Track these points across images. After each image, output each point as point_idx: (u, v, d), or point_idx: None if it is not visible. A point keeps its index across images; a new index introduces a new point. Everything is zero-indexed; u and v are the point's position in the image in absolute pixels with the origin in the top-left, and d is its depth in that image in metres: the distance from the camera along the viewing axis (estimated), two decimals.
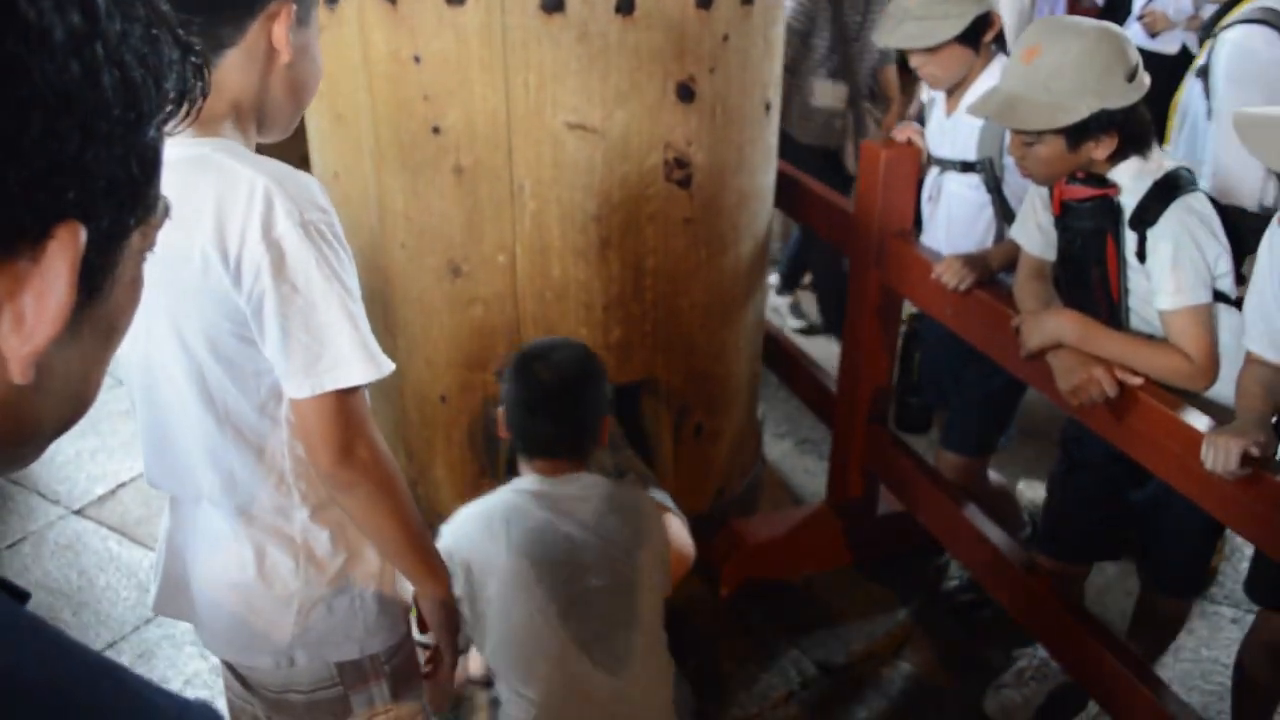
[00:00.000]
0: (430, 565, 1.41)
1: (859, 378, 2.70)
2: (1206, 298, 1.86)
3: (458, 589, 1.70)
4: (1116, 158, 1.92)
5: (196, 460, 1.34)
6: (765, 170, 2.60)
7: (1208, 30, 2.72)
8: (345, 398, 1.24)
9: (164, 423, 1.34)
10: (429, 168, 2.28)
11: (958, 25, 2.28)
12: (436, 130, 2.23)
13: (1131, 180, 1.91)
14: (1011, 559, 2.32)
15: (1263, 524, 1.70)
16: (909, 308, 2.68)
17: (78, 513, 3.15)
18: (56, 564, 2.93)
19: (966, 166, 2.40)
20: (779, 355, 3.22)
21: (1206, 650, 2.67)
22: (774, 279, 4.81)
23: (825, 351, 3.82)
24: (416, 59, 2.19)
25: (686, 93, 2.28)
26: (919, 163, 2.47)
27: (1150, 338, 1.95)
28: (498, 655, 1.78)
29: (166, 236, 1.17)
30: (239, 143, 1.26)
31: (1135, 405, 1.88)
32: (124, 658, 2.59)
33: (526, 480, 1.88)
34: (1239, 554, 2.98)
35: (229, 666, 1.53)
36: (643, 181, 2.32)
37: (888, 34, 2.38)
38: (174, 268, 1.21)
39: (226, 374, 1.27)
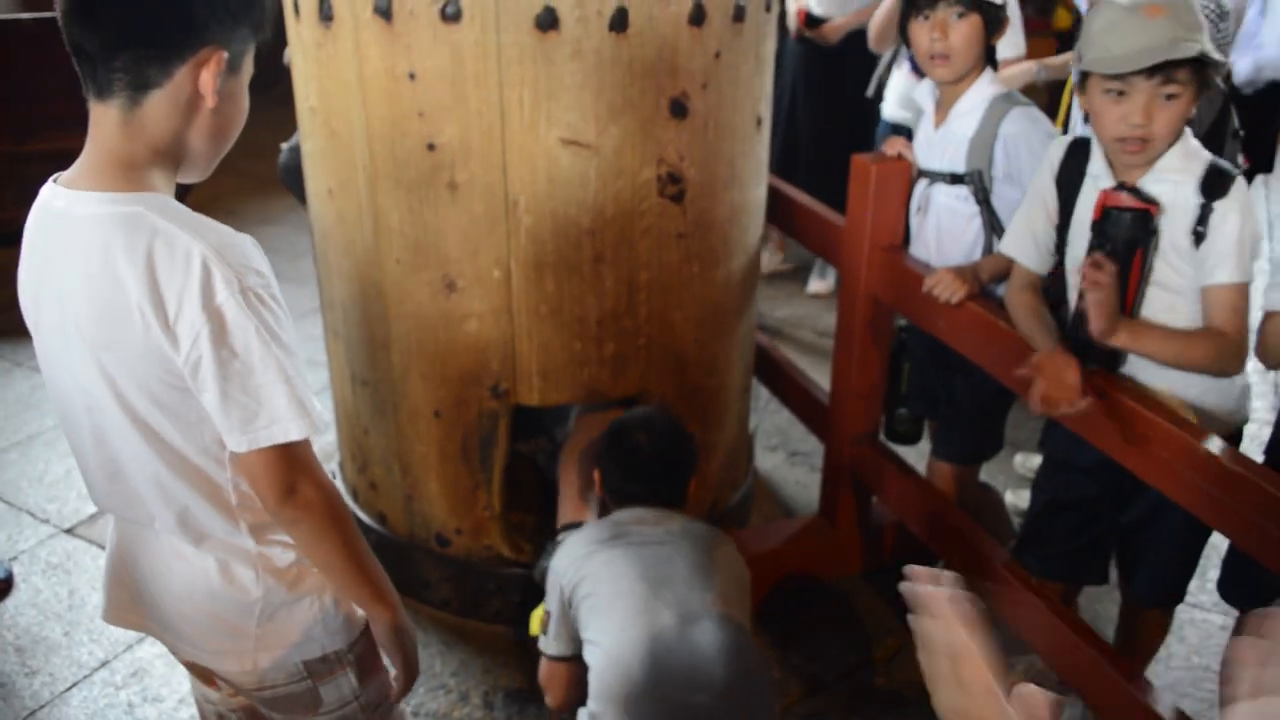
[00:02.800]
0: (378, 590, 1.45)
1: (850, 390, 2.72)
2: (1252, 278, 1.92)
3: (553, 606, 2.04)
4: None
5: (148, 495, 1.37)
6: (757, 184, 2.63)
7: None
8: (286, 448, 1.29)
9: (114, 459, 1.37)
10: (424, 184, 2.29)
11: None
12: (431, 146, 2.25)
13: (1183, 161, 1.93)
14: (1004, 567, 2.34)
15: (1252, 530, 1.72)
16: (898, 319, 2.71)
17: (68, 531, 3.13)
18: (47, 583, 2.92)
19: (955, 179, 2.42)
20: (770, 368, 3.24)
21: (1198, 658, 2.69)
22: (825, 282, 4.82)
23: (815, 364, 3.84)
24: (411, 76, 2.20)
25: (679, 109, 2.30)
26: (909, 177, 2.50)
27: (1177, 331, 1.97)
28: (597, 643, 1.95)
29: (103, 292, 1.19)
30: (167, 193, 1.28)
31: (1125, 412, 1.91)
32: (117, 676, 2.58)
33: (620, 513, 2.14)
34: (1206, 559, 3.01)
35: (193, 668, 1.58)
36: (636, 196, 2.34)
37: None
38: (112, 323, 1.23)
39: (170, 422, 1.30)
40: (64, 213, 1.27)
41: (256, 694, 1.49)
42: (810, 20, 4.27)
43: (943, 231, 2.48)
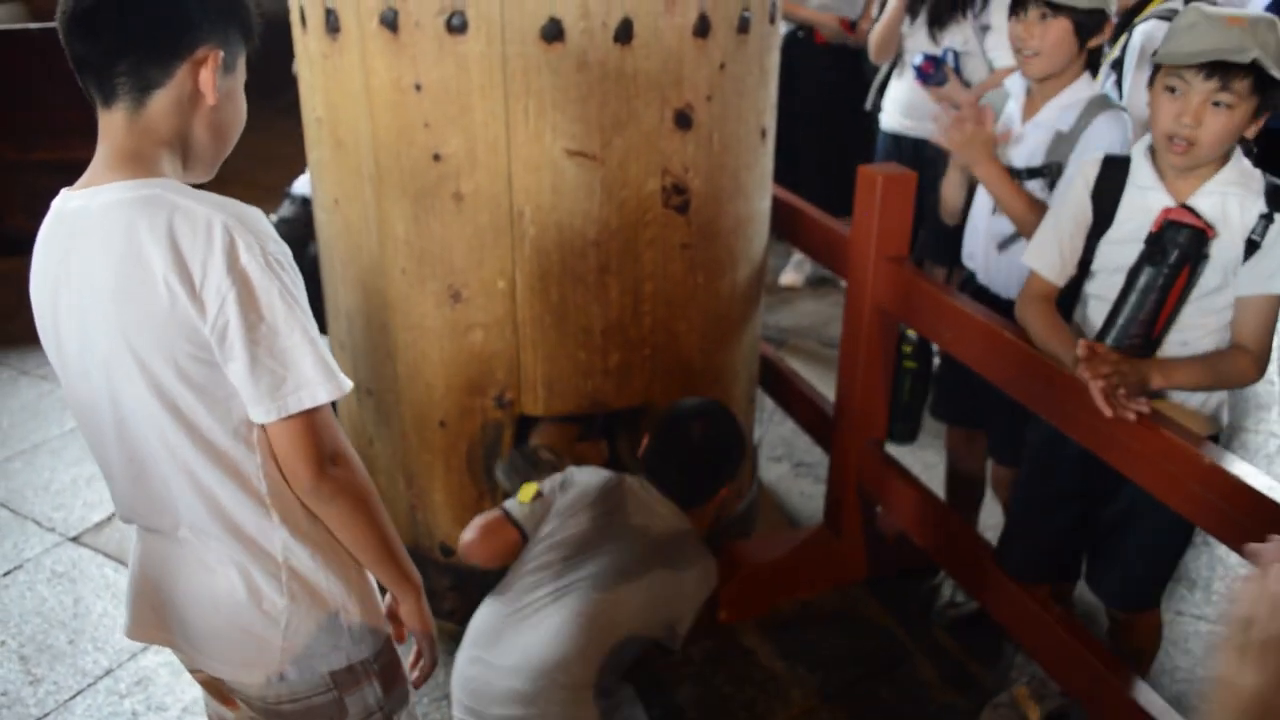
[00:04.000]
0: (405, 569, 1.49)
1: (856, 401, 2.72)
2: None
3: (547, 491, 2.24)
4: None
5: (177, 490, 1.36)
6: (761, 195, 2.63)
7: (1122, 27, 3.04)
8: (313, 416, 1.32)
9: (139, 458, 1.37)
10: (429, 194, 2.30)
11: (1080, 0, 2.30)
12: (437, 157, 2.26)
13: (1241, 177, 1.96)
14: (1009, 578, 2.33)
15: (1240, 531, 1.74)
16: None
17: (74, 540, 3.14)
18: (52, 591, 2.92)
19: (1033, 172, 2.42)
20: (775, 378, 3.24)
21: (1203, 671, 2.68)
22: (798, 274, 4.88)
23: (819, 374, 3.84)
24: (418, 87, 2.21)
25: (684, 120, 2.30)
26: (915, 188, 2.50)
27: (1202, 357, 2.01)
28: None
29: (129, 271, 1.20)
30: (179, 181, 1.32)
31: (1135, 425, 1.91)
32: (121, 685, 2.58)
33: (633, 478, 2.29)
34: (1211, 569, 3.00)
35: (210, 686, 1.57)
36: (641, 207, 2.34)
37: None
38: (138, 301, 1.25)
39: (199, 401, 1.31)
40: (80, 209, 1.29)
41: (279, 707, 1.46)
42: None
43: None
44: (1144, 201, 2.03)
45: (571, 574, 2.13)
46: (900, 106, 3.81)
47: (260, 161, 5.17)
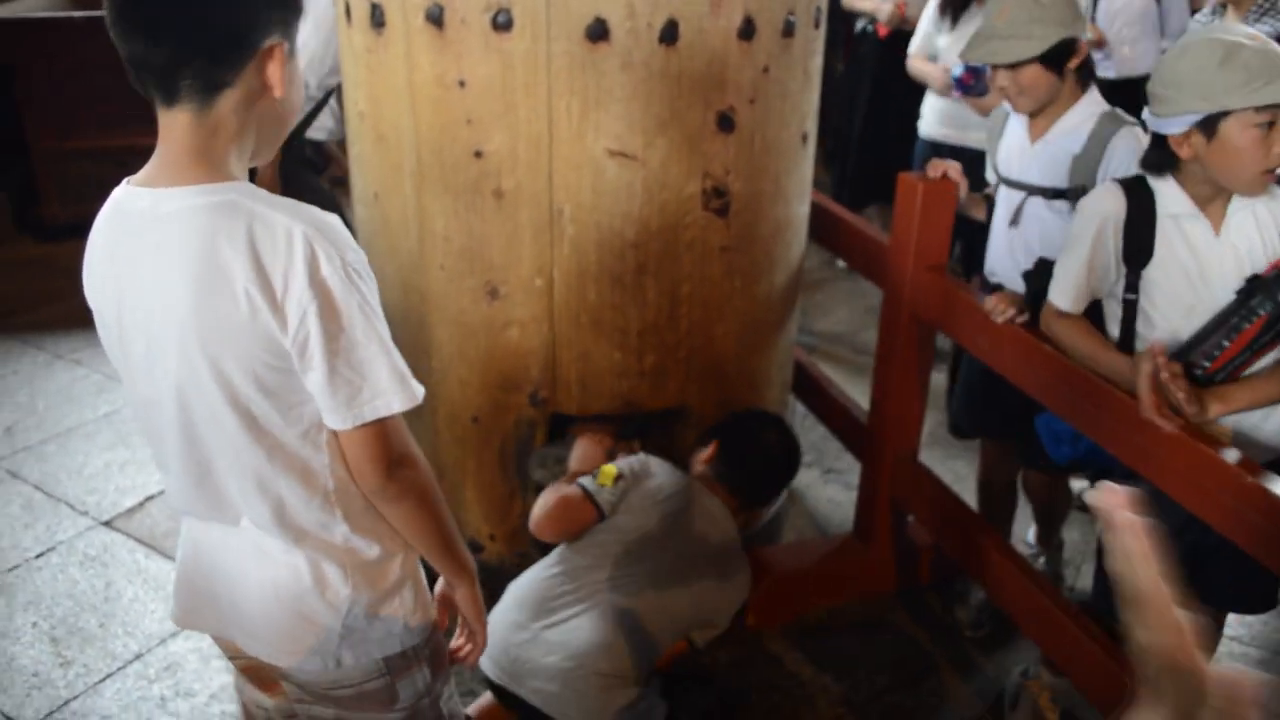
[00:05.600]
0: (463, 559, 1.53)
1: (890, 409, 2.71)
2: None
3: (627, 473, 2.34)
4: None
5: (243, 490, 1.37)
6: (801, 200, 2.62)
7: None
8: (385, 423, 1.33)
9: (204, 459, 1.37)
10: (470, 191, 2.30)
11: (1039, 46, 2.31)
12: (479, 154, 2.26)
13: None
14: (1041, 591, 2.31)
15: (1262, 537, 1.72)
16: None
17: (106, 524, 3.17)
18: (84, 575, 2.95)
19: (1058, 193, 2.42)
20: (808, 383, 3.23)
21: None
22: None
23: (850, 380, 3.82)
24: (461, 83, 2.21)
25: (727, 122, 2.30)
26: (956, 197, 2.48)
27: (1260, 378, 1.99)
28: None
29: (207, 280, 1.21)
30: (245, 179, 1.31)
31: (1140, 423, 1.91)
32: (150, 670, 2.60)
33: (698, 483, 2.42)
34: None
35: (252, 672, 1.57)
36: (681, 209, 2.34)
37: (973, 50, 2.42)
38: (216, 310, 1.24)
39: (273, 407, 1.31)
40: (148, 211, 1.27)
41: (333, 692, 1.48)
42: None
43: (1045, 243, 2.47)
44: (1181, 229, 2.03)
45: (631, 566, 2.19)
46: (938, 115, 3.81)
47: None
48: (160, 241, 1.26)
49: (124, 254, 1.30)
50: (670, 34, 2.18)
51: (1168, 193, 2.04)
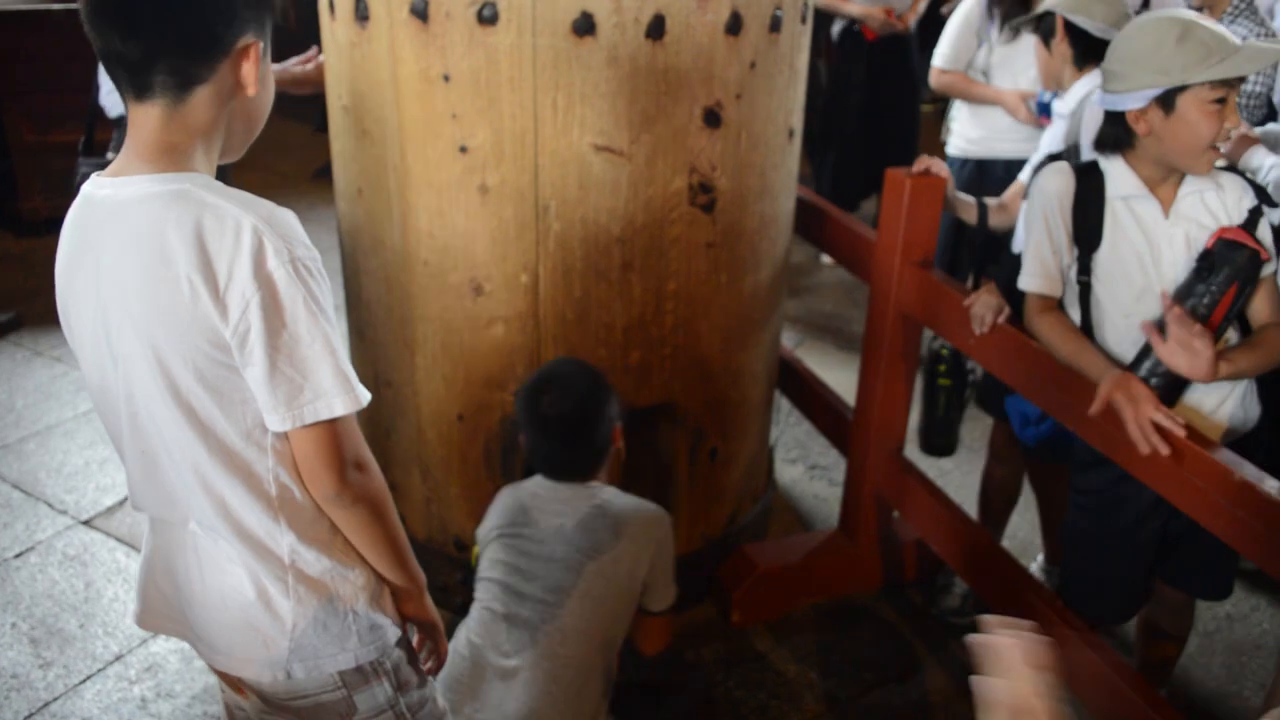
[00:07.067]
0: (411, 570, 1.50)
1: (876, 405, 2.70)
2: None
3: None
4: None
5: (187, 487, 1.36)
6: (787, 196, 2.61)
7: None
8: (337, 424, 1.30)
9: (152, 450, 1.36)
10: (454, 186, 2.28)
11: None
12: (464, 149, 2.24)
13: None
14: (1028, 589, 2.31)
15: (1258, 539, 1.72)
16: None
17: (86, 523, 3.13)
18: (64, 574, 2.92)
19: (1054, 157, 2.44)
20: (794, 380, 3.22)
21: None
22: None
23: (835, 374, 3.82)
24: (446, 78, 2.19)
25: (713, 118, 2.28)
26: (944, 192, 2.48)
27: (1253, 341, 2.02)
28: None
29: (152, 266, 1.20)
30: (208, 174, 1.30)
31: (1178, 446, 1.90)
32: (131, 671, 2.57)
33: (533, 481, 2.18)
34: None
35: (223, 676, 1.55)
36: (667, 205, 2.32)
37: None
38: (160, 298, 1.23)
39: (215, 403, 1.29)
40: (108, 198, 1.27)
41: (289, 703, 1.47)
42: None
43: None
44: (1132, 210, 2.05)
45: (518, 607, 2.04)
46: (965, 134, 3.76)
47: (276, 148, 5.17)
48: (116, 229, 1.26)
49: (84, 243, 1.30)
50: (657, 29, 2.16)
51: (1117, 174, 2.07)
